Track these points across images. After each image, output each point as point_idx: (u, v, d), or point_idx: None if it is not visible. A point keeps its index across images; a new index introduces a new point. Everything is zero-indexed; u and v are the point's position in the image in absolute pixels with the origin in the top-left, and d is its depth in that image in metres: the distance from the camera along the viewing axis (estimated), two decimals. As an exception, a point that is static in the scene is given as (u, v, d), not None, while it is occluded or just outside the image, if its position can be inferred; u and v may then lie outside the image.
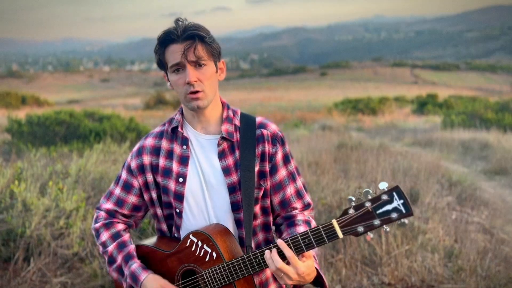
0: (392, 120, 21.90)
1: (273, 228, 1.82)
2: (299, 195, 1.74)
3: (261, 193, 1.70)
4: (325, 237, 1.46)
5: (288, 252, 1.46)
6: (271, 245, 1.51)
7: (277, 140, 1.71)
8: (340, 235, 1.43)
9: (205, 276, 1.61)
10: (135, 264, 1.67)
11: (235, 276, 1.57)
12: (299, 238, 1.48)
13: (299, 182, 1.75)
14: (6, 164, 5.29)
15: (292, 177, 1.73)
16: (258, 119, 1.75)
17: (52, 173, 4.48)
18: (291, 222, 1.70)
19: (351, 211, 1.41)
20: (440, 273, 3.71)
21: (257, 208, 1.70)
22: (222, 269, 1.58)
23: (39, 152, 6.81)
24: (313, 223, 1.72)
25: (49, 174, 4.46)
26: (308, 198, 1.77)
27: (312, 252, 1.55)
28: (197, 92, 1.60)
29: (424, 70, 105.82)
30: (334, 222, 1.43)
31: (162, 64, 1.66)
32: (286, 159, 1.73)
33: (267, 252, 1.50)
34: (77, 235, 3.72)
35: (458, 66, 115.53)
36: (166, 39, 1.60)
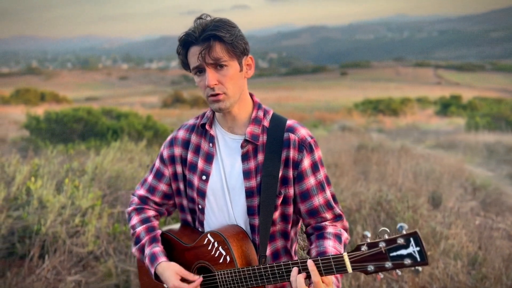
0: (414, 121, 21.69)
1: (303, 236, 1.81)
2: (328, 205, 1.69)
3: (280, 200, 1.66)
4: (334, 268, 1.43)
5: (316, 277, 1.43)
6: (299, 264, 1.48)
7: (304, 146, 1.65)
8: (349, 269, 1.39)
9: (217, 276, 1.63)
10: (158, 248, 1.72)
11: (244, 284, 1.58)
12: (299, 263, 1.47)
13: (328, 192, 1.69)
14: (23, 160, 5.35)
15: (321, 186, 1.67)
16: (289, 122, 1.70)
17: (68, 171, 4.52)
18: (320, 234, 1.67)
19: (364, 248, 1.37)
20: (463, 280, 3.63)
21: (276, 215, 1.67)
22: (233, 274, 1.59)
23: (56, 149, 6.90)
24: (345, 236, 1.69)
25: (66, 171, 4.50)
26: (338, 209, 1.71)
27: (334, 280, 1.53)
28: (217, 94, 1.58)
29: (447, 71, 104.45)
30: (345, 255, 1.40)
31: (186, 65, 1.64)
32: (315, 167, 1.67)
33: (294, 269, 1.48)
34: (92, 233, 3.74)
35: (482, 66, 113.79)
36: (186, 42, 1.57)
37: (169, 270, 1.66)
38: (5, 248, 3.63)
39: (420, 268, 1.31)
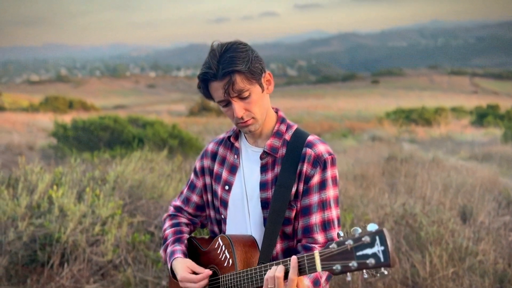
0: (448, 132, 21.28)
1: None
2: (324, 226, 1.68)
3: (293, 213, 1.70)
4: (306, 267, 1.43)
5: (294, 275, 1.45)
6: (288, 260, 1.49)
7: (319, 162, 1.68)
8: (319, 268, 1.37)
9: (220, 280, 1.70)
10: (178, 247, 1.82)
11: (241, 286, 1.62)
12: (288, 262, 1.48)
13: (330, 213, 1.69)
14: (48, 168, 5.52)
15: (322, 205, 1.68)
16: (310, 138, 1.74)
17: (90, 179, 4.65)
18: None
19: (333, 245, 1.34)
20: (490, 299, 3.56)
21: (291, 229, 1.72)
22: (233, 278, 1.64)
23: (82, 157, 7.09)
24: None
25: (88, 180, 4.62)
26: (334, 234, 1.69)
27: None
28: (247, 121, 1.67)
29: (484, 79, 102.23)
30: (316, 253, 1.38)
31: (209, 97, 1.72)
32: (323, 185, 1.69)
33: (274, 266, 1.52)
34: (112, 242, 3.83)
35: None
36: (205, 78, 1.65)
37: (181, 264, 1.75)
38: (27, 255, 3.76)
39: (385, 271, 1.25)
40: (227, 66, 1.59)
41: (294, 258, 1.45)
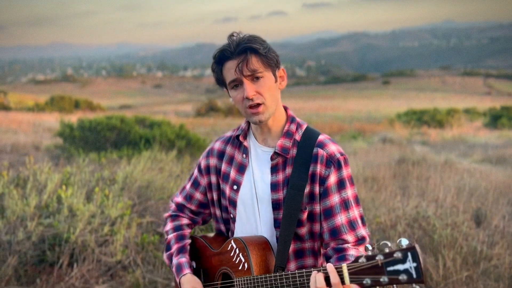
0: (460, 134, 21.18)
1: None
2: (351, 226, 1.68)
3: (305, 215, 1.70)
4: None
5: (335, 279, 1.43)
6: (321, 268, 1.50)
7: (332, 162, 1.68)
8: (347, 281, 1.40)
9: (235, 283, 1.70)
10: (184, 259, 1.83)
11: None
12: (321, 269, 1.48)
13: (354, 212, 1.69)
14: (55, 168, 5.58)
15: (345, 205, 1.68)
16: (320, 137, 1.74)
17: (99, 179, 4.69)
18: (341, 256, 1.66)
19: (362, 260, 1.37)
20: (505, 304, 3.55)
21: (303, 231, 1.72)
22: (249, 282, 1.65)
23: (89, 157, 7.15)
24: None
25: (96, 180, 4.67)
26: (362, 231, 1.70)
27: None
28: (257, 105, 1.66)
29: (498, 80, 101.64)
30: (344, 267, 1.41)
31: (221, 82, 1.73)
32: (341, 184, 1.69)
33: (314, 272, 1.50)
34: (121, 243, 3.87)
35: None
36: (221, 57, 1.67)
37: (189, 284, 1.76)
38: (36, 255, 3.80)
39: (417, 287, 1.29)
40: (245, 43, 1.63)
41: (330, 265, 1.45)
